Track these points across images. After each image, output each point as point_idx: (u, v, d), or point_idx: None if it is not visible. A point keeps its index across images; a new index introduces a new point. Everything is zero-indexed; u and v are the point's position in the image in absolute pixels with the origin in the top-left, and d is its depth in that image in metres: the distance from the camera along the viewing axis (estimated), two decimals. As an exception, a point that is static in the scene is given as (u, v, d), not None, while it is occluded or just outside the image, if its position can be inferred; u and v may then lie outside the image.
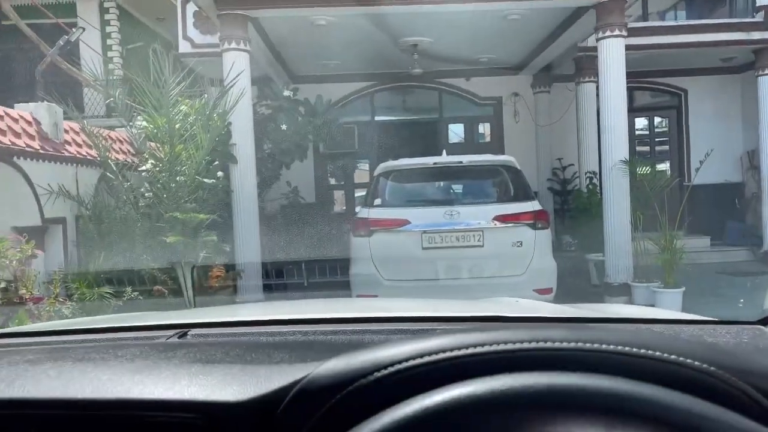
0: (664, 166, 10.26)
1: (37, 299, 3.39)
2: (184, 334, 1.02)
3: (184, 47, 8.40)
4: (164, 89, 5.74)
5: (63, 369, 0.76)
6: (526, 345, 0.58)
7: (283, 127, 6.79)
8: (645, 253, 6.54)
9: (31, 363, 0.79)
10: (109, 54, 12.49)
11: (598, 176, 8.10)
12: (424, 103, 10.24)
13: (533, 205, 5.33)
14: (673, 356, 0.57)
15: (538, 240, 5.25)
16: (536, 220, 5.25)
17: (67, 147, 5.21)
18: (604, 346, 0.57)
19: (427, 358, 0.58)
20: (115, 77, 11.72)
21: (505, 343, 0.58)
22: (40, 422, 0.70)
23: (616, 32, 6.54)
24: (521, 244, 5.21)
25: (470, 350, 0.58)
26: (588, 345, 0.57)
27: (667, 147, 10.29)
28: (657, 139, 10.39)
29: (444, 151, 6.04)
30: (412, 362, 0.58)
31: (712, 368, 0.56)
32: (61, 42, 6.70)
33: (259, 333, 1.04)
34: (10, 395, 0.70)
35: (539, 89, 9.92)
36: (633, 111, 10.23)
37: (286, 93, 7.14)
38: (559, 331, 0.60)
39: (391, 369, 0.58)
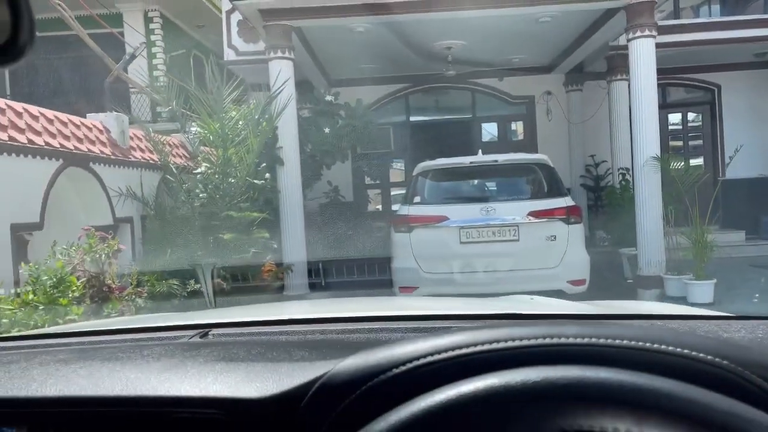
0: (698, 161, 10.37)
1: (122, 288, 3.86)
2: (206, 334, 1.06)
3: (229, 55, 8.89)
4: (217, 96, 6.20)
5: (92, 368, 0.79)
6: (539, 341, 0.58)
7: (326, 130, 7.21)
8: (677, 246, 6.74)
9: (62, 363, 0.82)
10: (154, 62, 13.12)
11: (630, 172, 8.29)
12: (458, 103, 10.57)
13: (566, 201, 5.62)
14: (686, 351, 0.56)
15: (572, 234, 5.54)
16: (569, 215, 5.55)
17: (133, 152, 5.71)
18: (617, 342, 0.57)
19: (443, 355, 0.59)
20: (161, 84, 12.33)
21: (520, 339, 0.59)
22: (73, 419, 0.72)
23: (646, 32, 6.76)
24: (555, 238, 5.51)
25: (485, 347, 0.59)
26: (602, 340, 0.57)
27: (700, 142, 10.39)
28: (690, 135, 10.49)
29: (480, 151, 6.36)
30: (429, 359, 0.59)
31: (725, 362, 0.56)
32: (126, 56, 7.25)
33: (278, 332, 1.07)
34: (43, 394, 0.72)
35: (571, 87, 10.14)
36: (666, 107, 10.40)
37: (328, 98, 7.54)
38: (573, 327, 0.60)
39: (408, 365, 0.59)
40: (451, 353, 0.59)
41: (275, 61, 6.87)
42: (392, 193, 10.89)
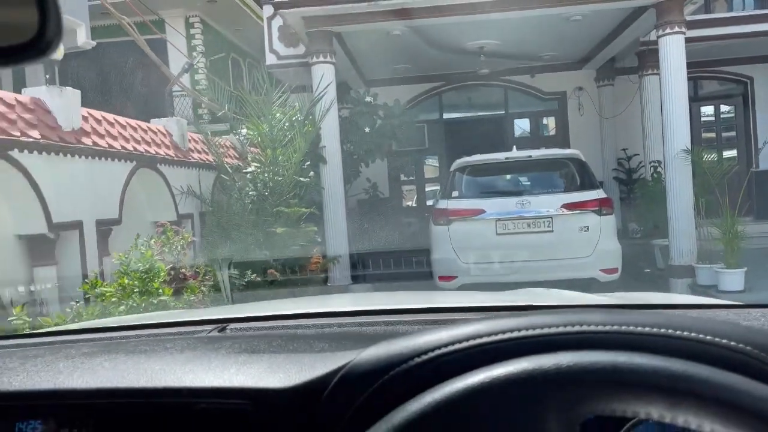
0: (731, 153, 10.51)
1: (194, 276, 4.35)
2: (224, 329, 1.08)
3: (270, 59, 9.38)
4: (266, 100, 6.68)
5: (117, 361, 0.81)
6: (561, 329, 0.58)
7: (366, 129, 7.63)
8: (708, 237, 6.97)
9: (86, 356, 0.83)
10: (195, 65, 13.74)
11: (662, 165, 8.52)
12: (490, 100, 10.89)
13: (598, 194, 5.95)
14: (709, 337, 0.56)
15: (604, 225, 5.86)
16: (601, 206, 5.87)
17: (191, 154, 6.23)
18: (640, 329, 0.57)
19: (465, 344, 0.60)
20: (203, 87, 12.92)
21: (542, 327, 0.59)
22: (99, 411, 0.74)
23: (676, 29, 7.00)
24: (588, 228, 5.84)
25: (508, 335, 0.59)
26: (625, 327, 0.57)
27: (734, 133, 10.51)
28: (723, 126, 10.62)
29: (514, 147, 6.72)
30: (450, 348, 0.59)
31: (748, 348, 0.56)
32: (185, 66, 7.78)
33: (296, 326, 1.09)
34: (70, 386, 0.74)
35: (603, 83, 10.37)
36: (699, 100, 10.55)
37: (368, 99, 7.97)
38: (597, 315, 0.60)
39: (430, 354, 0.60)
40: (473, 342, 0.59)
41: (318, 65, 7.32)
42: (427, 189, 11.28)
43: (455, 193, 6.25)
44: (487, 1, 6.94)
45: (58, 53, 4.49)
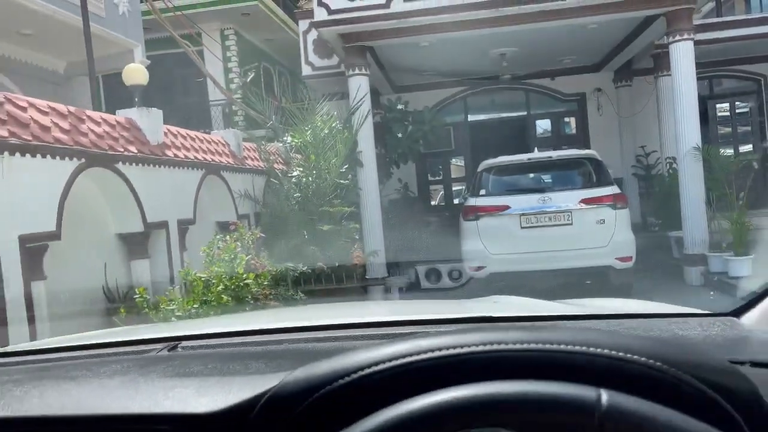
0: (747, 147, 11.08)
1: (263, 266, 5.19)
2: (175, 347, 1.08)
3: (306, 70, 10.25)
4: (309, 110, 7.52)
5: (45, 388, 0.81)
6: (479, 348, 0.61)
7: (399, 135, 8.43)
8: (719, 228, 7.62)
9: (15, 383, 0.84)
10: (230, 75, 14.70)
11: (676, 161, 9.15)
12: (513, 103, 11.63)
13: (613, 189, 6.66)
14: (621, 353, 0.59)
15: (619, 217, 6.57)
16: (616, 201, 6.59)
17: (246, 161, 7.10)
18: (554, 347, 0.60)
19: (387, 364, 0.62)
20: (238, 95, 13.86)
21: (461, 346, 0.61)
22: None
23: (685, 36, 7.66)
24: (604, 221, 6.55)
25: (424, 356, 0.61)
26: (539, 345, 0.61)
27: (749, 128, 11.08)
28: (738, 122, 11.19)
29: (536, 149, 7.46)
30: (373, 368, 0.62)
31: (657, 363, 0.58)
32: (240, 82, 8.65)
33: (244, 343, 1.10)
34: None
35: (621, 83, 11.03)
36: (715, 97, 11.16)
37: (400, 106, 8.77)
38: (514, 333, 0.64)
39: (353, 376, 0.62)
40: (395, 362, 0.62)
41: (354, 77, 8.14)
42: (453, 188, 12.05)
43: (482, 191, 7.01)
44: (508, 15, 7.68)
45: (142, 79, 5.36)
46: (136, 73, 5.25)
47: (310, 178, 7.59)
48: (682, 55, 7.70)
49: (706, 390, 0.58)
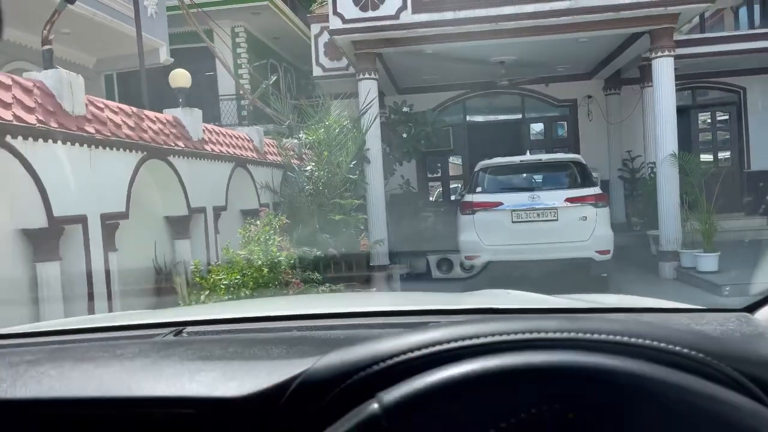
0: (725, 155, 12.06)
1: (288, 249, 6.06)
2: (179, 332, 1.08)
3: (317, 71, 11.12)
4: (323, 109, 8.39)
5: (63, 369, 0.80)
6: (520, 336, 0.60)
7: (404, 135, 9.33)
8: (692, 228, 8.56)
9: (30, 364, 0.82)
10: (240, 71, 15.53)
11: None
12: (509, 106, 12.56)
13: (595, 190, 7.59)
14: (662, 344, 0.59)
15: (599, 215, 7.50)
16: (597, 200, 7.51)
17: (267, 156, 7.99)
18: (596, 336, 0.59)
19: (424, 351, 0.61)
20: (246, 93, 14.67)
21: (500, 334, 0.61)
22: (43, 422, 0.73)
23: (666, 53, 8.60)
24: (586, 218, 7.48)
25: (467, 342, 0.61)
26: (581, 335, 0.60)
27: (728, 136, 12.06)
28: (719, 131, 12.17)
29: (528, 151, 8.39)
30: (409, 355, 0.61)
31: (700, 355, 0.58)
32: (263, 85, 9.46)
33: (254, 329, 1.10)
34: (12, 395, 0.73)
35: (610, 91, 11.98)
36: (697, 107, 12.14)
37: (405, 109, 9.67)
38: (552, 322, 0.63)
39: (389, 362, 0.61)
40: (432, 349, 0.61)
41: (364, 81, 9.02)
42: (451, 185, 12.97)
43: (479, 189, 7.93)
44: (506, 29, 8.58)
45: (186, 82, 6.23)
46: (180, 77, 6.13)
47: (322, 172, 8.47)
48: (663, 69, 8.64)
49: (747, 383, 0.58)
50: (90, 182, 4.43)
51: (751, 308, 1.00)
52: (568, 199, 7.50)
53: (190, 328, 1.11)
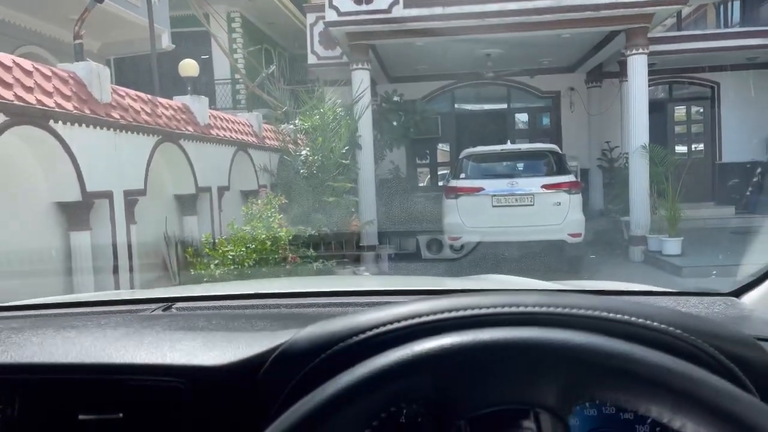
0: (700, 146, 12.86)
1: (286, 226, 6.73)
2: (168, 308, 1.11)
3: (311, 59, 11.73)
4: (319, 97, 9.04)
5: (46, 336, 0.82)
6: (499, 309, 0.60)
7: (394, 123, 10.00)
8: (660, 215, 9.33)
9: (14, 331, 0.85)
10: (235, 56, 16.07)
11: (631, 157, 10.83)
12: (495, 97, 13.26)
13: (569, 178, 8.32)
14: (641, 319, 0.59)
15: (572, 201, 8.23)
16: (571, 187, 8.24)
17: (265, 140, 8.64)
18: (575, 310, 0.60)
19: (404, 323, 0.62)
20: (240, 77, 15.23)
21: (480, 307, 0.61)
22: (25, 387, 0.75)
23: (640, 50, 9.31)
24: (560, 203, 8.21)
25: (446, 314, 0.61)
26: (560, 309, 0.60)
27: (702, 129, 12.84)
28: (694, 124, 12.95)
29: (509, 141, 9.10)
30: (389, 326, 0.61)
31: (678, 331, 0.59)
32: (263, 74, 10.07)
33: (241, 306, 1.13)
34: None
35: (592, 84, 12.70)
36: (673, 101, 12.89)
37: (395, 98, 10.33)
38: (533, 296, 0.63)
39: (368, 333, 0.62)
40: (411, 321, 0.61)
41: (357, 71, 9.66)
42: (439, 171, 13.67)
43: (462, 175, 8.63)
44: (491, 24, 9.24)
45: (194, 71, 6.86)
46: (189, 66, 6.76)
47: (317, 157, 9.13)
48: (637, 66, 9.36)
49: (722, 359, 0.58)
50: (114, 162, 5.08)
51: (738, 292, 1.01)
52: (544, 186, 8.23)
53: (179, 304, 1.14)
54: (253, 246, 5.71)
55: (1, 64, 4.02)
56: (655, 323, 0.59)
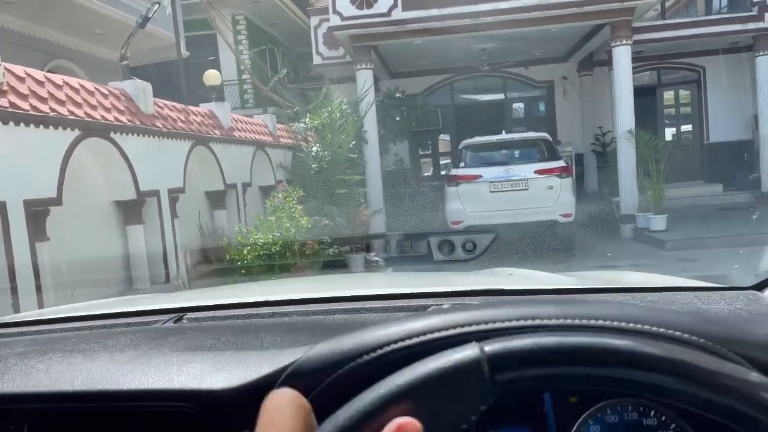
0: (688, 128, 13.72)
1: (303, 216, 7.66)
2: (180, 319, 1.11)
3: (316, 60, 12.64)
4: (326, 97, 9.94)
5: (51, 362, 0.81)
6: (513, 323, 0.60)
7: (397, 118, 10.91)
8: (646, 195, 10.21)
9: (20, 356, 0.84)
10: (241, 57, 16.95)
11: (621, 141, 11.69)
12: (492, 87, 14.15)
13: (560, 163, 9.22)
14: (662, 329, 0.59)
15: (563, 184, 9.13)
16: (561, 172, 9.14)
17: (280, 139, 9.57)
18: (593, 322, 0.59)
19: (415, 339, 0.61)
20: (247, 77, 16.12)
21: (494, 321, 0.60)
22: (32, 416, 0.75)
23: (624, 42, 10.18)
24: (552, 187, 9.11)
25: (458, 330, 0.60)
26: (577, 321, 0.60)
27: (690, 111, 13.70)
28: (681, 106, 13.81)
29: (503, 131, 9.99)
30: (400, 344, 0.61)
31: (701, 340, 0.58)
32: (277, 77, 10.98)
33: (252, 315, 1.13)
34: (0, 390, 0.75)
35: (583, 73, 13.57)
36: (662, 85, 13.75)
37: (398, 95, 11.23)
38: (550, 307, 0.63)
39: (379, 352, 0.61)
40: (423, 338, 0.61)
41: (361, 71, 10.56)
42: (441, 162, 14.57)
43: (462, 164, 9.53)
44: (484, 23, 10.11)
45: (217, 81, 7.76)
46: (212, 76, 7.69)
47: (326, 152, 10.05)
48: (621, 56, 10.23)
49: (747, 366, 0.58)
50: (159, 165, 6.02)
51: (760, 286, 1.00)
52: (536, 171, 9.12)
53: (190, 314, 1.14)
54: (280, 232, 6.65)
55: (72, 87, 4.94)
56: (677, 333, 0.59)
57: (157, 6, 7.05)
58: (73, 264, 4.79)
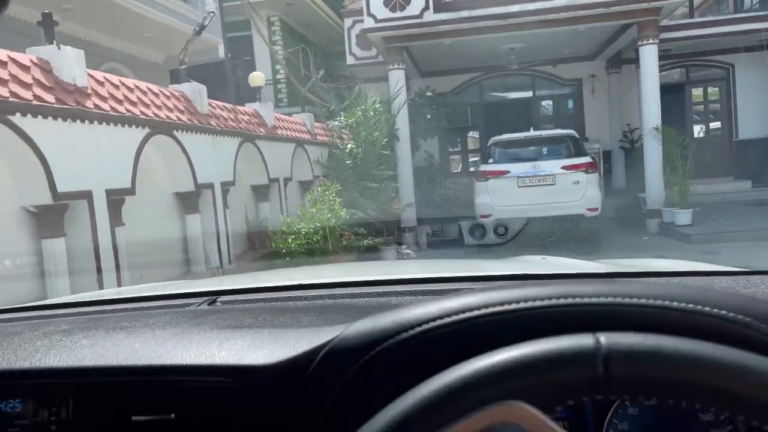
0: (716, 125, 14.00)
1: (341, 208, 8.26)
2: (213, 302, 1.15)
3: (350, 60, 13.26)
4: (360, 96, 10.54)
5: (96, 338, 0.85)
6: (554, 301, 0.59)
7: (428, 116, 11.46)
8: (672, 190, 10.59)
9: (65, 333, 0.87)
10: (277, 57, 17.65)
11: (648, 137, 12.05)
12: (520, 85, 14.61)
13: (586, 159, 9.68)
14: (707, 308, 0.57)
15: (589, 180, 9.59)
16: (587, 168, 9.59)
17: (317, 136, 10.21)
18: (636, 300, 0.58)
19: (453, 318, 0.61)
20: (281, 77, 16.82)
21: (534, 299, 0.60)
22: (77, 390, 0.77)
23: (651, 41, 10.57)
24: (578, 182, 9.57)
25: (497, 308, 0.60)
26: (619, 299, 0.58)
27: (718, 107, 13.97)
28: (711, 104, 14.09)
29: (531, 128, 10.48)
30: (438, 322, 0.61)
31: (748, 319, 0.57)
32: (315, 78, 11.64)
33: (286, 298, 1.16)
34: (46, 365, 0.78)
35: (612, 71, 13.95)
36: (691, 83, 14.04)
37: (428, 93, 11.79)
38: (590, 286, 0.61)
39: (417, 329, 0.61)
40: (462, 315, 0.61)
41: (394, 71, 11.14)
42: (470, 159, 15.08)
43: (491, 160, 10.05)
44: (513, 23, 10.60)
45: (261, 82, 8.41)
46: (257, 78, 8.35)
47: (360, 149, 10.65)
48: (648, 55, 10.64)
49: None
50: (213, 160, 6.69)
51: None
52: (563, 167, 9.59)
53: (223, 298, 1.19)
54: (322, 221, 7.26)
55: (141, 90, 5.61)
56: (723, 312, 0.57)
57: (212, 15, 7.71)
58: (141, 247, 5.46)
